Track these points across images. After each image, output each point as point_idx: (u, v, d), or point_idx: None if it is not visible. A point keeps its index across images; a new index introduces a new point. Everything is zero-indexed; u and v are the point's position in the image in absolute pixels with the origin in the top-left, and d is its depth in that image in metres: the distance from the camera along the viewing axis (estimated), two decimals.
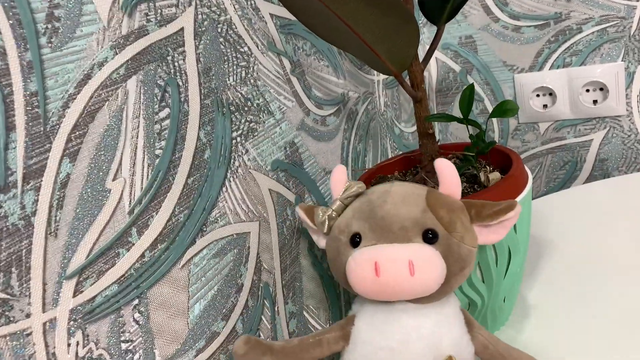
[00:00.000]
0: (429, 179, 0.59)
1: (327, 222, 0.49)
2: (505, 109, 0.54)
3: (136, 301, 0.41)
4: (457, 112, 1.00)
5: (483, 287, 0.58)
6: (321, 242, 0.53)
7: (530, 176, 0.58)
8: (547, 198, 0.91)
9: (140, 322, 0.41)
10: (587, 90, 0.91)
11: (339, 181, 0.50)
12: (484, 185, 0.58)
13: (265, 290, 0.54)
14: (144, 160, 0.42)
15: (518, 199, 0.55)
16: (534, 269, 0.74)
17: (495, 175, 0.58)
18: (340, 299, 0.68)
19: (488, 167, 0.61)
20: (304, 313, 0.61)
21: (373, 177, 0.66)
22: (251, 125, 0.53)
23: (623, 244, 0.74)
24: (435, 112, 1.03)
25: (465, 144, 0.62)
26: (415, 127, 0.93)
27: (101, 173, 0.39)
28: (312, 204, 0.63)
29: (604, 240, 0.76)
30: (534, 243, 0.80)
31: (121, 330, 0.39)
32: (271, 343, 0.50)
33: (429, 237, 0.45)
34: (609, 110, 0.90)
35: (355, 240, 0.46)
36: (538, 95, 0.95)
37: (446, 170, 0.48)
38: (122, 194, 0.40)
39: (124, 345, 0.39)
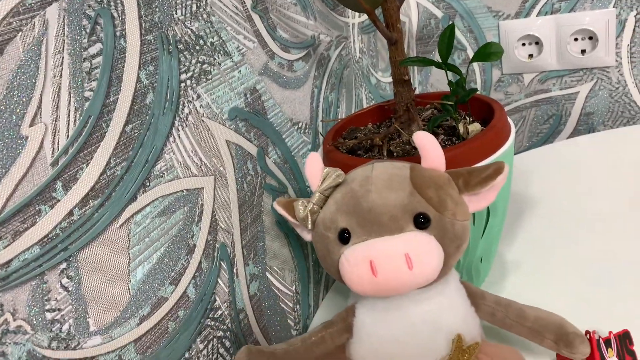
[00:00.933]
0: (403, 130, 0.53)
1: (309, 217, 0.44)
2: (488, 52, 0.49)
3: (64, 265, 0.35)
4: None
5: None
6: (306, 235, 0.48)
7: (513, 128, 0.54)
8: (530, 153, 0.87)
9: (70, 289, 0.36)
10: (576, 40, 0.86)
11: (315, 171, 0.45)
12: (463, 138, 0.53)
13: (222, 251, 0.49)
14: (69, 103, 0.36)
15: (500, 151, 0.50)
16: (514, 226, 0.70)
17: (475, 127, 0.53)
18: (308, 259, 0.64)
19: (468, 118, 0.55)
20: (267, 274, 0.56)
21: (345, 129, 0.61)
22: (204, 67, 0.47)
23: (606, 200, 0.71)
24: None
25: (444, 93, 0.57)
26: None
27: (14, 117, 0.33)
28: (290, 198, 0.58)
29: (587, 197, 0.72)
30: (514, 200, 0.76)
31: (45, 298, 0.34)
32: (273, 349, 0.47)
33: (421, 222, 0.41)
34: (598, 60, 0.85)
35: (344, 237, 0.42)
36: (524, 45, 0.89)
37: (427, 143, 0.43)
38: (42, 143, 0.34)
39: (49, 315, 0.35)
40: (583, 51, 0.85)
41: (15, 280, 0.33)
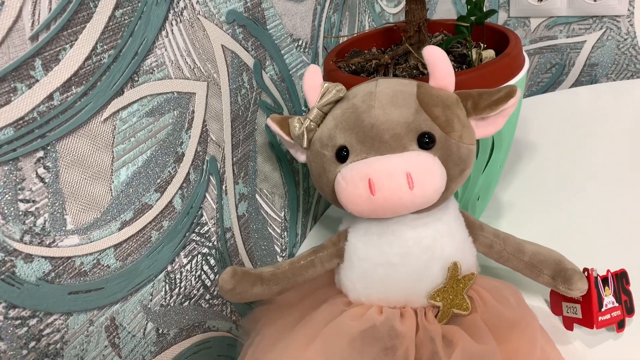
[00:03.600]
0: (415, 51, 0.50)
1: (305, 135, 0.41)
2: None
3: (40, 153, 0.32)
4: None
5: None
6: (301, 156, 0.45)
7: (527, 59, 0.51)
8: (529, 100, 0.84)
9: (46, 180, 0.33)
10: None
11: (314, 85, 0.41)
12: (474, 66, 0.50)
13: (212, 165, 0.46)
14: None
15: (513, 80, 0.47)
16: (511, 170, 0.69)
17: (489, 54, 0.50)
18: (299, 187, 0.61)
19: (482, 44, 0.52)
20: (257, 197, 0.54)
21: (347, 51, 0.57)
22: None
23: (603, 151, 0.69)
24: None
25: (456, 22, 0.53)
26: (398, 9, 0.83)
27: None
28: (284, 115, 0.54)
29: (584, 146, 0.71)
30: (513, 145, 0.74)
31: (19, 187, 0.31)
32: (260, 271, 0.44)
33: (426, 142, 0.38)
34: (609, 9, 0.82)
35: (342, 155, 0.39)
36: None
37: (437, 59, 0.40)
38: (20, 12, 0.30)
39: (22, 206, 0.31)
40: None
41: None
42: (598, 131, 0.73)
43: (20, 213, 0.31)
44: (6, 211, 0.31)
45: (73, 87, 0.34)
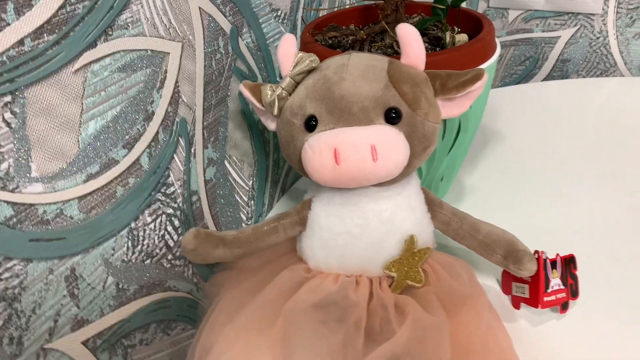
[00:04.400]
0: (391, 30, 0.51)
1: (276, 103, 0.42)
2: None
3: (8, 98, 0.32)
4: None
5: None
6: (270, 124, 0.46)
7: (499, 46, 0.52)
8: (503, 90, 0.86)
9: (13, 126, 0.33)
10: None
11: (288, 54, 0.42)
12: (448, 49, 0.51)
13: (182, 127, 0.47)
14: None
15: (484, 66, 0.49)
16: (477, 156, 0.70)
17: (462, 37, 0.51)
18: (269, 158, 0.62)
19: (456, 28, 0.53)
20: (225, 163, 0.54)
21: (325, 25, 0.57)
22: None
23: (567, 144, 0.71)
24: None
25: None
26: None
27: None
28: (259, 83, 0.54)
29: (550, 138, 0.73)
30: (480, 131, 0.75)
31: None
32: (223, 234, 0.45)
33: (392, 116, 0.39)
34: (585, 6, 0.84)
35: (311, 124, 0.40)
36: None
37: (410, 37, 0.41)
38: None
39: None
40: None
41: None
42: (564, 124, 0.76)
43: None
44: None
45: (45, 34, 0.33)
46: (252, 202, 0.60)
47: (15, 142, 0.33)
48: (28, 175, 0.34)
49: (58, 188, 0.36)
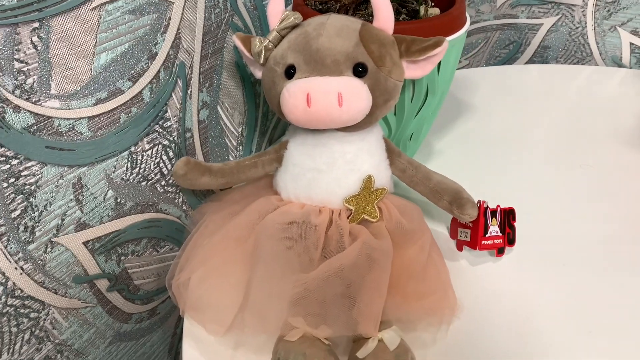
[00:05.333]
0: None
1: (263, 53, 0.48)
2: None
3: (36, 24, 0.39)
4: None
5: (393, 119, 0.60)
6: (257, 73, 0.52)
7: (469, 20, 0.58)
8: (483, 69, 0.92)
9: (39, 48, 0.39)
10: None
11: (277, 11, 0.49)
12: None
13: (180, 69, 0.53)
14: None
15: (451, 38, 0.55)
16: (450, 125, 0.77)
17: (434, 11, 0.57)
18: (259, 109, 0.69)
19: (430, 2, 0.60)
20: (218, 108, 0.61)
21: None
22: None
23: (538, 122, 0.78)
24: None
25: None
26: None
27: None
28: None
29: (523, 116, 0.79)
30: (456, 103, 0.82)
31: (16, 48, 0.38)
32: (210, 165, 0.53)
33: (359, 70, 0.46)
34: None
35: (290, 72, 0.46)
36: None
37: (381, 3, 0.47)
38: None
39: (17, 64, 0.38)
40: None
41: None
42: (538, 104, 0.82)
43: (15, 70, 0.38)
44: (3, 65, 0.38)
45: None
46: (241, 147, 0.67)
47: (39, 62, 0.40)
48: (48, 91, 0.41)
49: (72, 107, 0.43)
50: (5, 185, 0.40)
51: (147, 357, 0.61)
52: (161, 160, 0.54)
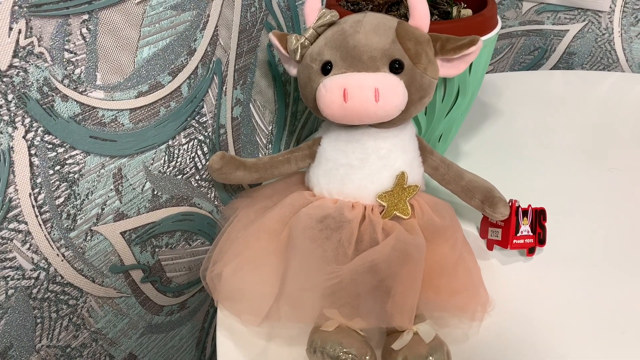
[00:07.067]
0: (405, 1, 0.58)
1: (299, 50, 0.49)
2: None
3: (86, 16, 0.40)
4: None
5: (423, 119, 0.61)
6: (292, 70, 0.53)
7: (500, 23, 0.59)
8: (509, 74, 0.93)
9: (87, 39, 0.41)
10: None
11: (313, 9, 0.50)
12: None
13: (217, 66, 0.54)
14: None
15: (483, 38, 0.55)
16: (477, 128, 0.77)
17: (467, 12, 0.58)
18: (288, 109, 0.70)
19: (462, 4, 0.60)
20: (250, 105, 0.62)
21: None
22: None
23: (563, 127, 0.78)
24: None
25: None
26: None
27: None
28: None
29: (548, 121, 0.79)
30: (484, 108, 0.82)
31: (66, 38, 0.39)
32: (244, 160, 0.54)
33: (396, 67, 0.46)
34: (594, 3, 0.90)
35: (327, 68, 0.47)
36: None
37: (418, 3, 0.48)
38: None
39: (67, 54, 0.40)
40: None
41: (44, 12, 0.37)
42: (563, 110, 0.82)
43: (65, 60, 0.40)
44: (54, 54, 0.39)
45: None
46: (270, 145, 0.68)
47: (87, 53, 0.41)
48: (94, 82, 0.42)
49: (115, 98, 0.44)
50: (51, 172, 0.41)
51: (175, 351, 0.62)
52: (196, 155, 0.55)
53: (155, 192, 0.51)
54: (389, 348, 0.42)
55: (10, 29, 0.36)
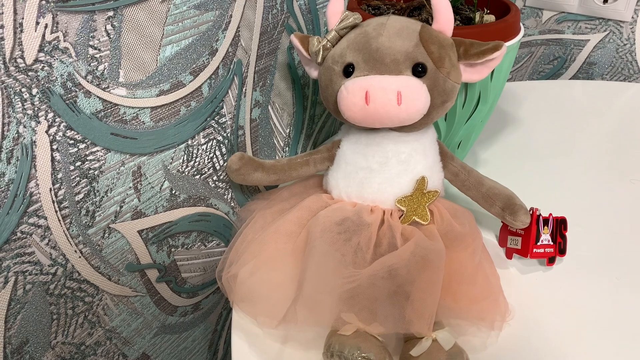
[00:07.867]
0: (428, 5, 0.58)
1: (321, 52, 0.49)
2: None
3: (111, 13, 0.40)
4: None
5: (443, 125, 0.60)
6: (313, 72, 0.53)
7: (523, 30, 0.58)
8: (528, 83, 0.92)
9: (112, 36, 0.41)
10: None
11: (336, 12, 0.49)
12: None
13: (238, 67, 0.54)
14: None
15: (507, 44, 0.55)
16: (496, 136, 0.77)
17: (490, 18, 0.57)
18: (306, 112, 0.69)
19: (486, 9, 0.60)
20: (269, 107, 0.62)
21: None
22: None
23: (582, 138, 0.77)
24: None
25: None
26: None
27: None
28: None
29: (567, 131, 0.78)
30: (503, 117, 0.82)
31: (91, 34, 0.39)
32: (262, 161, 0.54)
33: (419, 70, 0.46)
34: (616, 13, 0.89)
35: (349, 71, 0.47)
36: None
37: (442, 6, 0.48)
38: None
39: (91, 51, 0.40)
40: (605, 0, 0.89)
41: (71, 7, 0.37)
42: (582, 120, 0.81)
43: (89, 56, 0.40)
44: (78, 50, 0.39)
45: None
46: (287, 148, 0.68)
47: (111, 49, 0.41)
48: (117, 79, 0.42)
49: (137, 95, 0.44)
50: (72, 168, 0.41)
51: (188, 352, 0.61)
52: (214, 156, 0.55)
53: (173, 192, 0.51)
54: (407, 354, 0.42)
55: (37, 23, 0.36)
